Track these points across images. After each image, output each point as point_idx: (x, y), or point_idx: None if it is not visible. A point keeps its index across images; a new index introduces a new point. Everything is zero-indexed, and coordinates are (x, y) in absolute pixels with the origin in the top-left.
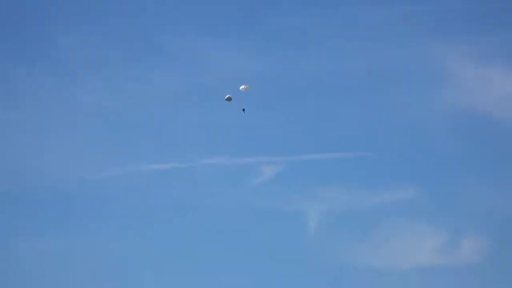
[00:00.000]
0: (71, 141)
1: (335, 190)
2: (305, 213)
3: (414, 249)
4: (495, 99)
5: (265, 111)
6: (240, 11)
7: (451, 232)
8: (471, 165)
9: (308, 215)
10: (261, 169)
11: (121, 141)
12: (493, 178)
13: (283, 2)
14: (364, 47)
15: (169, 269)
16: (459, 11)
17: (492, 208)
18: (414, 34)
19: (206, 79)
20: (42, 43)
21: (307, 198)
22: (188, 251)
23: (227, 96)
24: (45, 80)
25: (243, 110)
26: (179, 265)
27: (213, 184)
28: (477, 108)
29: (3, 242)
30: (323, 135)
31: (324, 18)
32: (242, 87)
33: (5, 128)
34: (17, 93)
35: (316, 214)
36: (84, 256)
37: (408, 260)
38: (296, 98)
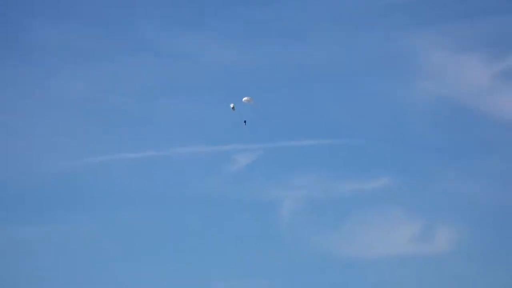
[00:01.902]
0: (46, 130)
1: (310, 178)
2: (279, 201)
3: (389, 238)
4: (472, 88)
5: (240, 99)
6: (221, 2)
7: (426, 220)
8: (446, 153)
9: (282, 203)
10: (236, 157)
11: (97, 130)
12: (469, 166)
13: None
14: (344, 37)
15: (144, 256)
16: (437, 2)
17: (467, 196)
18: (393, 25)
19: (182, 69)
20: (18, 32)
21: (282, 186)
22: (163, 239)
23: (232, 105)
24: (21, 69)
25: (245, 122)
26: (154, 251)
27: (189, 172)
28: (454, 97)
29: None
30: (298, 123)
31: (305, 9)
32: (245, 98)
33: None
34: None
35: (291, 202)
36: (59, 244)
37: (383, 248)
38: (273, 86)
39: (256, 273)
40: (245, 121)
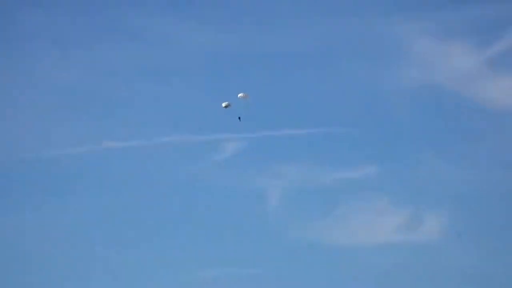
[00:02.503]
0: (29, 117)
1: (296, 167)
2: (266, 190)
3: (376, 226)
4: (458, 75)
5: (227, 88)
6: None
7: (412, 209)
8: (432, 141)
9: (269, 192)
10: (222, 146)
11: (81, 118)
12: (455, 154)
13: None
14: (327, 24)
15: (129, 244)
16: None
17: (454, 184)
18: (378, 11)
19: (167, 56)
20: (2, 19)
21: (268, 175)
22: (149, 228)
23: (226, 103)
24: (5, 56)
25: (239, 118)
26: (140, 240)
27: (175, 161)
28: (440, 85)
29: None
30: (284, 112)
31: None
32: (240, 95)
33: None
34: None
35: (277, 191)
36: (42, 232)
37: (370, 236)
38: (257, 74)
39: (243, 261)
40: (239, 118)
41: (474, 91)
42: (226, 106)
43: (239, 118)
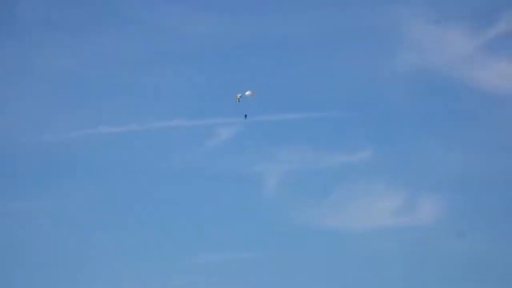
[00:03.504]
0: (28, 103)
1: (293, 151)
2: (262, 175)
3: (372, 210)
4: (454, 59)
5: (222, 73)
6: None
7: (408, 193)
8: (428, 125)
9: (265, 176)
10: (218, 131)
11: (79, 104)
12: (451, 138)
13: None
14: (324, 8)
15: (126, 229)
16: None
17: (450, 168)
18: None
19: (163, 43)
20: (1, 6)
21: (265, 159)
22: (145, 212)
23: (239, 95)
24: (4, 43)
25: (245, 116)
26: (136, 225)
27: (170, 146)
28: (436, 69)
29: None
30: (280, 96)
31: None
32: (247, 92)
33: None
34: None
35: (274, 175)
36: (39, 217)
37: (366, 221)
38: (254, 60)
39: (240, 246)
40: (245, 115)
41: (470, 75)
42: (239, 99)
43: (246, 116)
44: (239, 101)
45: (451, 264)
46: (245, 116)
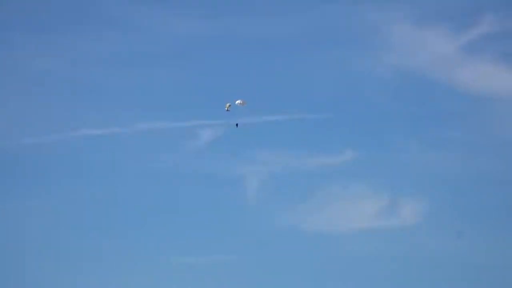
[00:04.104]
0: (9, 105)
1: (274, 153)
2: (243, 177)
3: (355, 212)
4: (436, 60)
5: (202, 74)
6: None
7: (391, 193)
8: (410, 126)
9: (247, 179)
10: (198, 133)
11: (59, 106)
12: (433, 139)
13: None
14: (305, 9)
15: (106, 231)
16: None
17: (432, 169)
18: None
19: (145, 44)
20: None
21: (246, 162)
22: (124, 216)
23: (228, 104)
24: None
25: (236, 125)
26: (116, 227)
27: (151, 148)
28: (418, 70)
29: None
30: (261, 98)
31: None
32: (238, 101)
33: None
34: None
35: (255, 178)
36: (20, 220)
37: (349, 222)
38: (235, 61)
39: (222, 248)
40: (237, 124)
41: (451, 76)
42: (228, 108)
43: (237, 124)
44: (228, 110)
45: (434, 264)
46: (236, 124)
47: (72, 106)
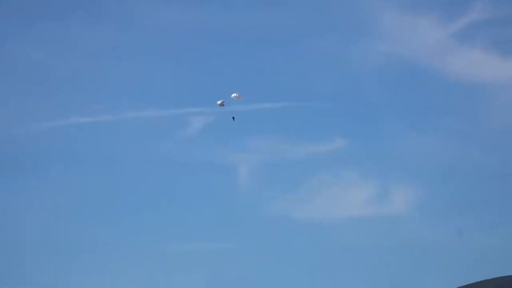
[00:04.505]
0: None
1: (266, 141)
2: (235, 165)
3: (345, 200)
4: (427, 48)
5: (194, 62)
6: None
7: (381, 181)
8: (401, 114)
9: (238, 166)
10: (190, 121)
11: (51, 94)
12: (423, 126)
13: None
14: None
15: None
16: None
17: (421, 156)
18: None
19: (135, 33)
20: None
21: (237, 149)
22: (115, 204)
23: (220, 101)
24: None
25: (233, 118)
26: (109, 214)
27: (142, 136)
28: (409, 58)
29: None
30: (253, 86)
31: None
32: (234, 95)
33: None
34: None
35: (246, 165)
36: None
37: (339, 210)
38: (227, 50)
39: (213, 236)
40: (233, 117)
41: (442, 64)
42: (221, 104)
43: (233, 118)
44: (222, 105)
45: (424, 251)
46: (233, 118)
47: (64, 95)
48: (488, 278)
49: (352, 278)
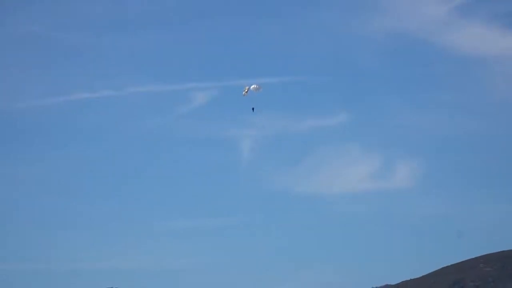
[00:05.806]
0: (1, 69)
1: (267, 116)
2: (237, 140)
3: (347, 174)
4: (428, 23)
5: (195, 36)
6: None
7: (383, 156)
8: (403, 88)
9: (240, 141)
10: (192, 95)
11: (51, 70)
12: (424, 100)
13: None
14: None
15: (99, 193)
16: None
17: (423, 131)
18: None
19: (136, 7)
20: None
21: (239, 124)
22: (117, 179)
23: (245, 90)
24: None
25: (253, 109)
26: (108, 192)
27: (144, 111)
28: (410, 32)
29: None
30: (254, 61)
31: None
32: (253, 86)
33: None
34: None
35: (248, 140)
36: (12, 182)
37: (342, 185)
38: (228, 23)
39: (215, 211)
40: (253, 108)
41: (443, 38)
42: (246, 92)
43: (253, 109)
44: (245, 94)
45: (427, 226)
46: (253, 109)
47: (65, 70)
48: (492, 252)
49: (353, 252)
